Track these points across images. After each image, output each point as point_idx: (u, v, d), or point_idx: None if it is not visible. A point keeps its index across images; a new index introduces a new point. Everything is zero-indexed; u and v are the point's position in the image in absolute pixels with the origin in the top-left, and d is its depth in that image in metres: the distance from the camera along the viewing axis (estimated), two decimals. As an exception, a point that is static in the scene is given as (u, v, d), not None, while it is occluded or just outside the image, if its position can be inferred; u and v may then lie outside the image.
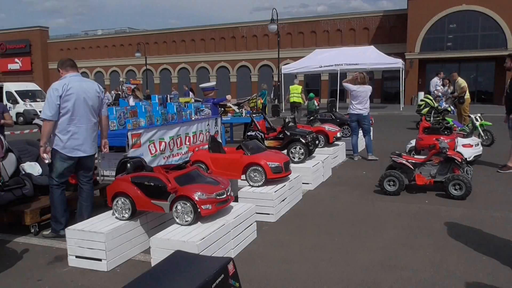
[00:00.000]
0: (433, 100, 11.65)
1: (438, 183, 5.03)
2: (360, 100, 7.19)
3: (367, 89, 7.22)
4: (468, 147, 6.47)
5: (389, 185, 5.07)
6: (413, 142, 6.62)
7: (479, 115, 8.75)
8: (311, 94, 15.53)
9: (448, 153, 4.98)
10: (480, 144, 6.81)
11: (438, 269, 3.06)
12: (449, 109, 11.29)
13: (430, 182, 5.05)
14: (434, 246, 3.49)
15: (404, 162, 5.10)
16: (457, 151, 5.73)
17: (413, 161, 5.14)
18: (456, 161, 4.98)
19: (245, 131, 10.36)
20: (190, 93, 18.50)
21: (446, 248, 3.43)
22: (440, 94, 12.42)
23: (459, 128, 8.09)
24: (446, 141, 5.35)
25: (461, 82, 10.45)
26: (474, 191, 4.88)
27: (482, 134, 8.61)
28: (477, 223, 4.01)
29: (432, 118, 11.61)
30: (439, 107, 11.11)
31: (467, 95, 10.43)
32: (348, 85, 7.38)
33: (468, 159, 6.14)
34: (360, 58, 19.32)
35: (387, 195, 5.05)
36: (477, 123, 8.55)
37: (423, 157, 5.30)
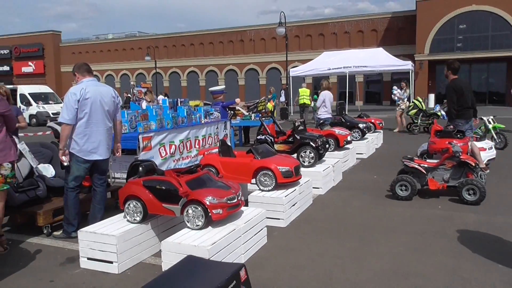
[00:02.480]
0: (422, 103, 11.83)
1: (452, 188, 4.95)
2: (329, 105, 8.11)
3: (331, 95, 8.31)
4: (482, 151, 6.35)
5: (401, 189, 5.01)
6: (425, 146, 6.53)
7: (491, 117, 8.60)
8: (315, 96, 15.89)
9: (461, 157, 4.91)
10: (493, 147, 6.70)
11: (453, 277, 3.01)
12: (438, 113, 11.23)
13: (443, 187, 4.97)
14: (448, 252, 3.43)
15: (416, 166, 5.04)
16: (470, 155, 5.64)
17: (426, 165, 5.07)
18: (469, 165, 4.90)
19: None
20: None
21: (461, 255, 3.37)
22: (396, 98, 12.53)
23: (471, 131, 7.97)
24: (459, 144, 5.27)
25: None
26: (488, 196, 4.79)
27: (495, 137, 8.47)
28: (492, 229, 3.94)
29: (419, 121, 11.77)
30: (428, 111, 11.23)
31: None
32: (320, 100, 8.22)
33: (481, 163, 6.03)
34: (369, 60, 19.21)
35: (399, 200, 4.99)
36: (490, 126, 8.41)
37: (435, 161, 5.23)
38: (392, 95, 12.85)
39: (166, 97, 17.82)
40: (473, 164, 4.91)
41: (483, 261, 3.25)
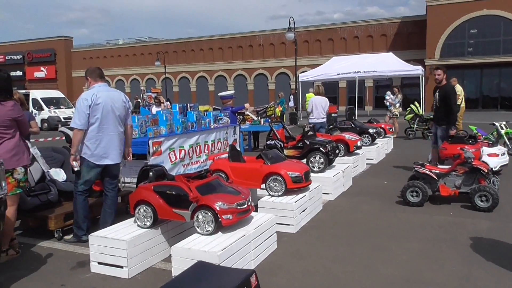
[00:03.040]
0: (419, 108, 11.89)
1: (464, 194, 4.88)
2: (320, 110, 7.98)
3: (324, 100, 8.09)
4: (494, 157, 6.27)
5: (412, 195, 4.95)
6: (436, 152, 6.46)
7: (504, 123, 8.48)
8: None
9: (473, 163, 4.84)
10: (506, 153, 6.60)
11: (465, 285, 2.95)
12: None
13: (455, 193, 4.90)
14: (460, 260, 3.38)
15: (427, 172, 4.98)
16: (482, 161, 5.56)
17: (437, 171, 5.01)
18: (481, 171, 4.82)
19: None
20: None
21: (473, 263, 3.32)
22: (388, 103, 12.48)
23: (483, 136, 7.86)
24: (471, 150, 5.20)
25: (457, 89, 10.19)
26: (501, 203, 4.71)
27: (508, 143, 8.33)
28: (505, 236, 3.86)
29: (416, 125, 11.81)
30: (426, 116, 11.23)
31: (463, 104, 10.26)
32: (309, 105, 8.15)
33: (494, 169, 5.94)
34: (379, 65, 19.11)
35: (409, 206, 4.93)
36: (502, 131, 8.29)
37: (447, 167, 5.16)
38: (384, 101, 12.82)
39: (168, 102, 18.02)
40: (486, 170, 4.84)
41: (496, 269, 3.19)
